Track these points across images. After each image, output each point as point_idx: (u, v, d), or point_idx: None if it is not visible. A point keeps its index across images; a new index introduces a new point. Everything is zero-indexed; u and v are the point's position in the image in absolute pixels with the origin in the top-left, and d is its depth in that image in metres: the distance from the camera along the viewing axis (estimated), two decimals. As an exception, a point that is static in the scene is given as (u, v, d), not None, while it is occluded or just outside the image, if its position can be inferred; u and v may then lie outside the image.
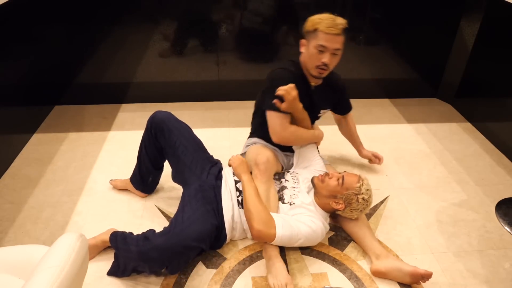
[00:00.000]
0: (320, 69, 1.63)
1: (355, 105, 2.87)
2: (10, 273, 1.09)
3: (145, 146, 1.78)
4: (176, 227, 1.48)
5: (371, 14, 2.69)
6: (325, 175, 1.65)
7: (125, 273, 1.52)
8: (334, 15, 1.60)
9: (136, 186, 1.91)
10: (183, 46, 2.69)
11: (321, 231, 1.60)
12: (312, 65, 1.64)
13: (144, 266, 1.45)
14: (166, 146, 1.72)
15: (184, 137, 1.73)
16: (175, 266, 1.49)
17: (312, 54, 1.61)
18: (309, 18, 1.62)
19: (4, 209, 1.85)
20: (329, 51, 1.59)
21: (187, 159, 1.71)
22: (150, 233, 1.48)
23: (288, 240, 1.51)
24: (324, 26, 1.55)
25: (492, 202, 1.97)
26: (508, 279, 1.57)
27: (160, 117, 1.73)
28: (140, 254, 1.39)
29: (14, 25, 2.19)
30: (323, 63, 1.60)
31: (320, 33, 1.57)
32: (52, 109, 2.73)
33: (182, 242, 1.42)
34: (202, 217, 1.52)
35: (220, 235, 1.62)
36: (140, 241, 1.43)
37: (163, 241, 1.41)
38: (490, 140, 2.48)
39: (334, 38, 1.57)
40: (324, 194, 1.63)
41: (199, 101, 2.84)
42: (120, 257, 1.51)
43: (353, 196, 1.57)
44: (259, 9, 2.60)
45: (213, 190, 1.66)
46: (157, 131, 1.71)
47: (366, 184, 1.61)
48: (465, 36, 2.68)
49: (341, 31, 1.57)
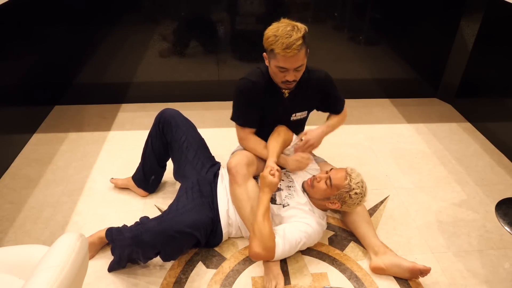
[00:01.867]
0: (285, 84, 1.59)
1: (355, 105, 2.89)
2: (10, 273, 1.09)
3: (151, 142, 1.82)
4: (169, 213, 1.52)
5: (371, 14, 2.69)
6: (313, 179, 1.63)
7: (122, 264, 1.53)
8: (291, 24, 1.47)
9: (138, 184, 1.91)
10: (183, 46, 2.69)
11: (318, 234, 1.60)
12: (277, 80, 1.60)
13: (138, 252, 1.44)
14: (172, 141, 1.77)
15: (190, 134, 1.79)
16: (168, 253, 1.47)
17: (275, 73, 1.55)
18: (265, 33, 1.50)
19: (4, 209, 1.85)
20: (290, 70, 1.51)
21: (190, 155, 1.76)
22: (143, 219, 1.51)
23: (287, 254, 1.53)
24: (280, 48, 1.44)
25: (492, 202, 1.97)
26: (508, 279, 1.57)
27: (169, 112, 1.80)
28: (133, 239, 1.41)
29: (14, 25, 2.19)
30: (287, 80, 1.56)
31: (277, 55, 1.47)
32: (52, 109, 2.73)
33: (175, 226, 1.43)
34: (197, 208, 1.55)
35: (216, 230, 1.63)
36: (133, 227, 1.46)
37: (155, 224, 1.43)
38: (490, 140, 2.48)
39: (292, 58, 1.46)
40: (317, 198, 1.62)
41: (199, 101, 2.85)
42: (116, 249, 1.52)
43: (345, 194, 1.55)
44: (251, 10, 2.59)
45: (209, 185, 1.70)
46: (165, 126, 1.77)
47: (355, 176, 1.56)
48: (465, 36, 2.68)
49: (298, 49, 1.44)
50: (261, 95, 1.65)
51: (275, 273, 1.48)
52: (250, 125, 1.71)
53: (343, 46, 2.79)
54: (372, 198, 1.97)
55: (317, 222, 1.59)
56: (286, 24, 1.47)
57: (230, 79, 2.77)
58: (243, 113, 1.70)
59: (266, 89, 1.65)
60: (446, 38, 2.77)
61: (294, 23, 1.48)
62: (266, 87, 1.65)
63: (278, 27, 1.47)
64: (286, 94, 1.68)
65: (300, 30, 1.46)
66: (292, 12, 2.62)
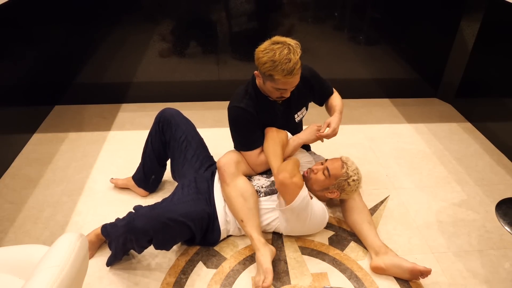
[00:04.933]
0: (280, 98, 1.61)
1: (355, 105, 2.89)
2: (10, 273, 1.09)
3: (151, 141, 1.83)
4: (163, 202, 1.55)
5: (371, 14, 2.69)
6: (310, 172, 1.68)
7: (118, 256, 1.55)
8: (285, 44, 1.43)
9: (138, 183, 1.92)
10: (183, 46, 2.69)
11: (327, 213, 1.65)
12: (271, 96, 1.61)
13: (132, 239, 1.43)
14: (171, 140, 1.78)
15: (189, 133, 1.80)
16: (160, 241, 1.46)
17: (271, 91, 1.56)
18: (260, 57, 1.45)
19: (4, 209, 1.85)
20: (289, 89, 1.54)
21: (188, 154, 1.77)
22: (137, 206, 1.52)
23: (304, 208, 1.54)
24: (281, 75, 1.43)
25: (492, 202, 1.97)
26: (508, 279, 1.57)
27: (169, 112, 1.81)
28: (126, 226, 1.42)
29: (14, 25, 2.19)
30: (283, 96, 1.58)
31: (277, 80, 1.46)
32: (52, 109, 2.74)
33: (167, 214, 1.45)
34: (192, 201, 1.58)
35: (213, 226, 1.63)
36: (126, 216, 1.48)
37: (148, 210, 1.46)
38: (490, 140, 2.49)
39: (292, 79, 1.47)
40: (315, 189, 1.67)
41: (199, 101, 2.85)
42: (111, 242, 1.53)
43: (343, 182, 1.62)
44: (251, 9, 2.59)
45: (207, 182, 1.71)
46: (165, 125, 1.78)
47: (351, 164, 1.65)
48: (465, 36, 2.68)
49: (299, 73, 1.47)
50: (255, 116, 1.63)
51: (264, 267, 1.47)
52: (256, 145, 1.68)
53: (343, 46, 2.79)
54: (372, 198, 1.97)
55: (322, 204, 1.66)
56: (281, 46, 1.43)
57: (230, 79, 2.77)
58: (245, 139, 1.69)
59: (259, 108, 1.64)
60: (446, 38, 2.77)
61: (287, 43, 1.45)
62: (258, 106, 1.64)
63: (273, 51, 1.42)
64: (280, 102, 1.69)
65: (296, 51, 1.43)
66: (292, 12, 2.62)
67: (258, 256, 1.51)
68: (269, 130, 1.69)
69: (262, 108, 1.65)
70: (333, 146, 2.34)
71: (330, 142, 2.36)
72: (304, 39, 2.69)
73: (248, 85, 1.66)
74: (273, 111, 1.68)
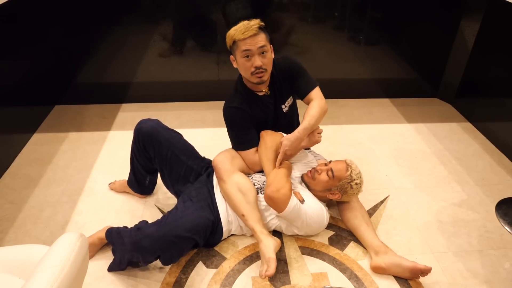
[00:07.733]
0: (257, 74, 1.58)
1: (355, 105, 2.89)
2: (10, 273, 1.09)
3: (136, 158, 1.77)
4: (168, 218, 1.52)
5: (371, 14, 2.69)
6: (314, 172, 1.68)
7: (122, 266, 1.53)
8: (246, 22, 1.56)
9: (134, 189, 1.91)
10: (183, 46, 2.69)
11: (326, 213, 1.66)
12: (248, 74, 1.60)
13: (138, 256, 1.44)
14: (157, 157, 1.71)
15: (174, 147, 1.71)
16: (168, 257, 1.47)
17: (243, 64, 1.58)
18: (227, 34, 1.59)
19: (4, 209, 1.85)
20: (255, 53, 1.54)
21: (180, 170, 1.73)
22: (142, 224, 1.50)
23: (296, 213, 1.55)
24: (240, 33, 1.52)
25: (492, 202, 1.97)
26: (508, 279, 1.57)
27: (146, 129, 1.68)
28: (132, 244, 1.41)
29: (14, 25, 2.19)
30: (256, 67, 1.56)
31: (239, 42, 1.54)
32: (52, 109, 2.73)
33: (174, 231, 1.43)
34: (196, 212, 1.55)
35: (216, 229, 1.64)
36: (133, 232, 1.45)
37: (154, 230, 1.43)
38: (490, 140, 2.48)
39: (253, 40, 1.52)
40: (318, 190, 1.67)
41: (199, 101, 2.84)
42: (116, 252, 1.53)
43: (346, 185, 1.63)
44: (251, 9, 2.59)
45: (206, 187, 1.70)
46: (145, 142, 1.69)
47: (355, 167, 1.66)
48: (465, 36, 2.68)
49: (257, 30, 1.53)
50: (248, 112, 1.68)
51: (267, 256, 1.47)
52: (252, 145, 1.71)
53: (343, 46, 2.79)
54: (372, 198, 1.97)
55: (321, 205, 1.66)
56: (243, 22, 1.56)
57: (230, 79, 2.75)
58: (241, 138, 1.72)
59: (248, 103, 1.68)
60: (446, 38, 2.77)
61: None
62: (248, 101, 1.69)
63: (236, 26, 1.57)
64: (267, 92, 1.70)
65: (255, 20, 1.55)
66: (292, 12, 2.62)
67: (261, 247, 1.51)
68: (263, 134, 1.71)
69: (251, 101, 1.69)
70: (333, 146, 2.34)
71: (330, 142, 2.37)
72: (304, 39, 2.73)
73: (236, 83, 1.73)
74: (261, 103, 1.71)
